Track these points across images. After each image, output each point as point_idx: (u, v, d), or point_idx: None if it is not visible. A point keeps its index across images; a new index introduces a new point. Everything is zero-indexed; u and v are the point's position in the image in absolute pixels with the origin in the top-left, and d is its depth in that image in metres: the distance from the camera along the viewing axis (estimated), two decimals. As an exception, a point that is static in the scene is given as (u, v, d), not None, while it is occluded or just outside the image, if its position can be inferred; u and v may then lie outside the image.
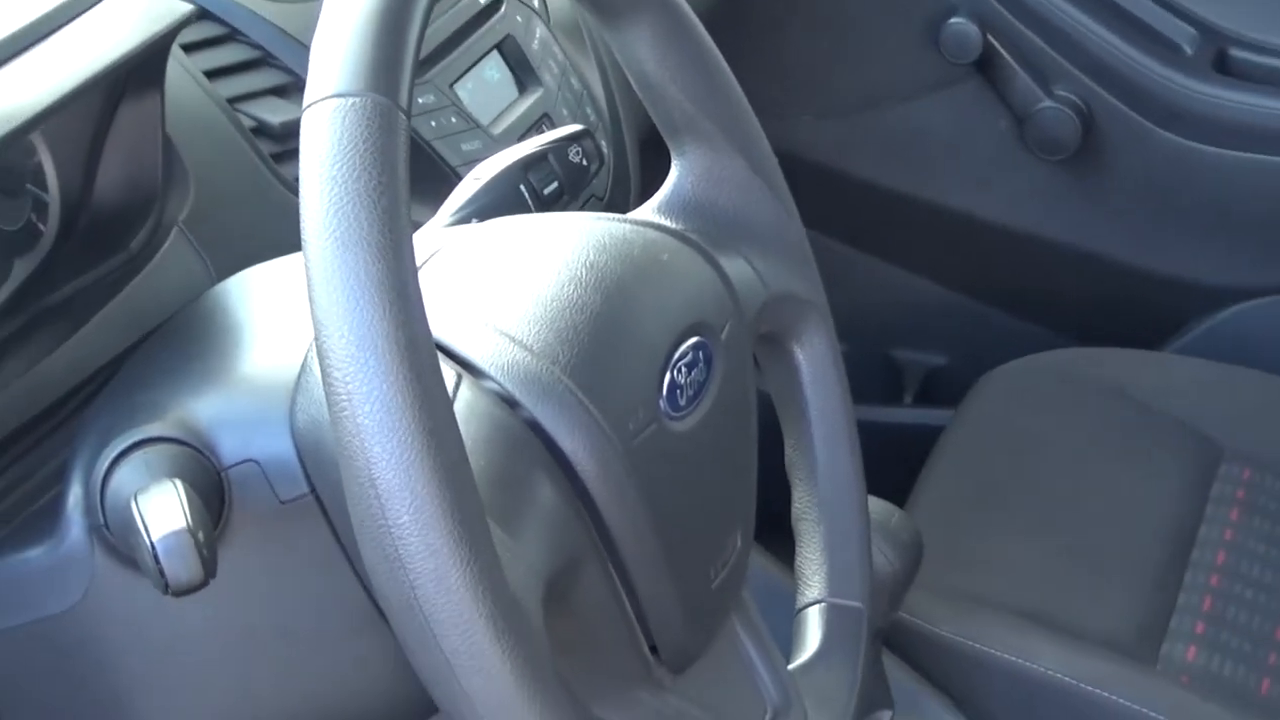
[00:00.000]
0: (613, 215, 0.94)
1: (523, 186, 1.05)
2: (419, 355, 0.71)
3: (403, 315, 0.70)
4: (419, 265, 0.73)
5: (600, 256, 0.88)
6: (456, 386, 0.81)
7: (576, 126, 1.12)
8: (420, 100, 1.25)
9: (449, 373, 0.81)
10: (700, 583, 0.90)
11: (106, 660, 0.89)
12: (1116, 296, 2.02)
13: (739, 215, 0.98)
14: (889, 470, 1.31)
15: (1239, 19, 1.93)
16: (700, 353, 0.89)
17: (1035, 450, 1.68)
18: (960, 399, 1.77)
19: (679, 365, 0.87)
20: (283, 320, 0.89)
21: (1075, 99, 1.93)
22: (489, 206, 1.02)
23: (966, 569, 1.50)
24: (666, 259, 0.92)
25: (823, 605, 1.01)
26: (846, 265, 2.10)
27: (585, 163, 1.10)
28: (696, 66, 0.96)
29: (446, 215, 1.02)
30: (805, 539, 1.02)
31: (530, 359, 0.83)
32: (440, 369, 0.72)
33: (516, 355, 0.83)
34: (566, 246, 0.89)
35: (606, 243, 0.89)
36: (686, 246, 0.93)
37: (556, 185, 1.07)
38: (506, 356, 0.83)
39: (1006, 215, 2.03)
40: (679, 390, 0.87)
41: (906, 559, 1.17)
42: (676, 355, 0.87)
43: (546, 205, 1.05)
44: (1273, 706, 1.42)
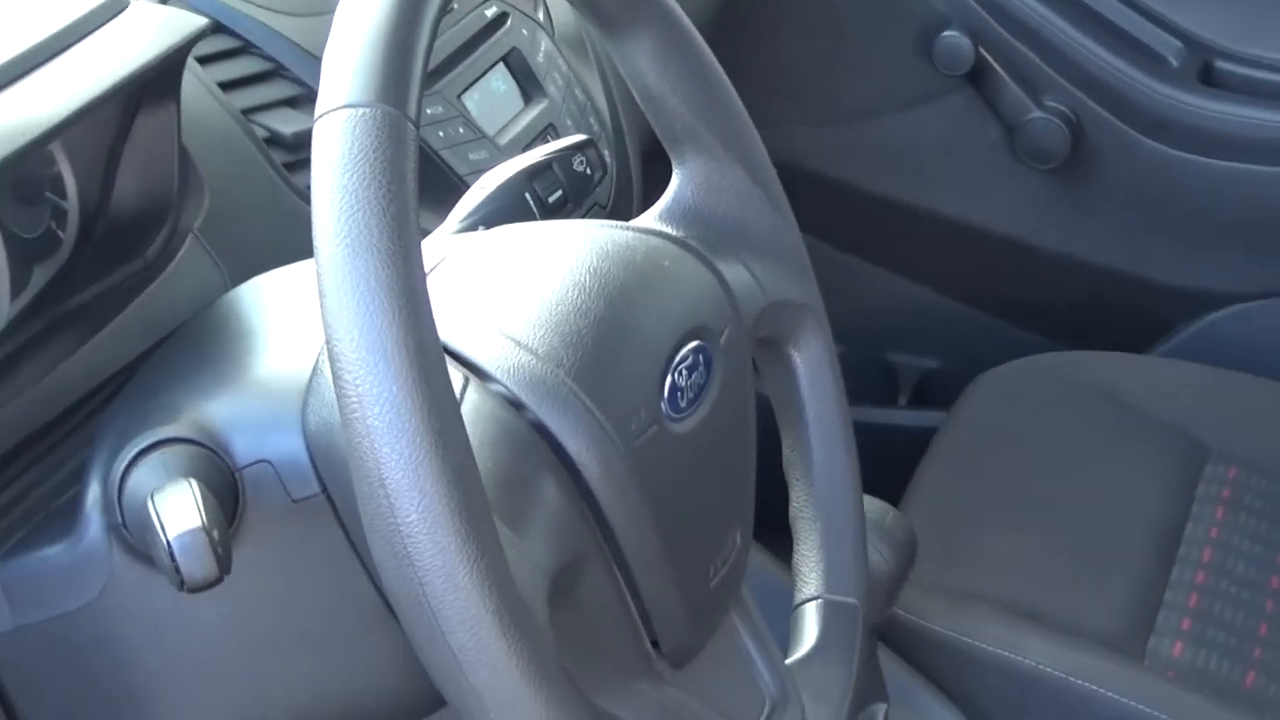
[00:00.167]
0: (615, 223, 0.94)
1: (528, 195, 1.05)
2: (427, 359, 0.71)
3: (412, 320, 0.70)
4: (427, 271, 0.73)
5: (603, 263, 0.88)
6: (464, 389, 0.81)
7: (580, 136, 1.12)
8: (429, 111, 1.25)
9: (456, 376, 0.81)
10: (700, 580, 0.90)
11: (123, 655, 0.89)
12: (1105, 301, 2.02)
13: (738, 223, 0.98)
14: (884, 470, 1.31)
15: (1223, 32, 1.93)
16: (700, 356, 0.89)
17: (1026, 451, 1.67)
18: (953, 401, 1.77)
19: (680, 368, 0.87)
20: (295, 325, 0.89)
21: (1064, 110, 1.93)
22: (495, 214, 1.02)
23: (959, 566, 1.50)
24: (668, 265, 0.92)
25: (819, 601, 1.01)
26: (843, 271, 2.10)
27: (589, 172, 1.10)
28: (697, 78, 0.96)
29: (454, 222, 1.02)
30: (802, 537, 1.02)
31: (535, 362, 0.83)
32: (448, 372, 0.72)
33: (522, 359, 0.83)
34: (571, 253, 0.89)
35: (609, 249, 0.89)
36: (687, 253, 0.93)
37: (561, 194, 1.07)
38: (512, 360, 0.83)
39: (998, 222, 2.03)
40: (680, 393, 0.87)
41: (901, 557, 1.17)
42: (677, 359, 0.87)
43: (551, 213, 1.05)
44: (1257, 700, 1.41)
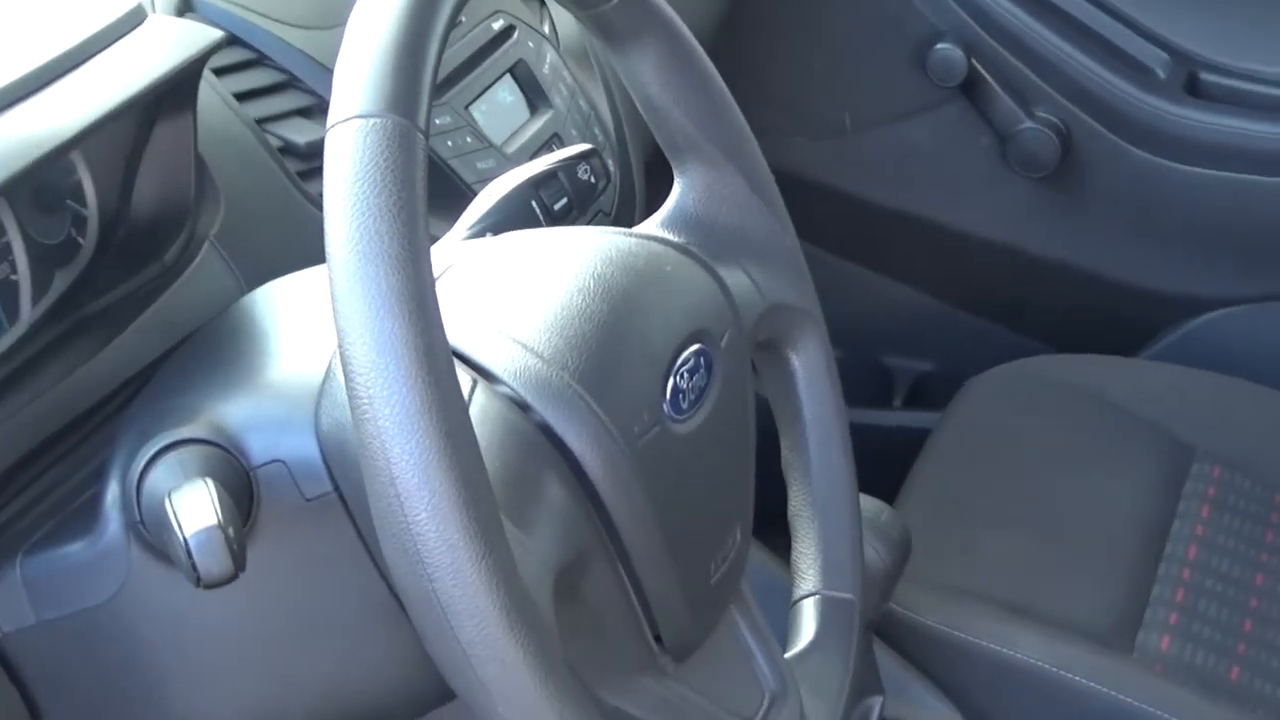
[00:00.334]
0: (619, 229, 0.94)
1: (534, 202, 1.05)
2: (437, 362, 0.71)
3: (421, 324, 0.70)
4: (436, 276, 0.73)
5: (607, 268, 0.88)
6: (472, 391, 0.81)
7: (585, 146, 1.12)
8: (437, 121, 1.25)
9: (465, 378, 0.81)
10: (702, 576, 0.90)
11: (141, 649, 0.89)
12: (1093, 306, 2.02)
13: (738, 230, 0.98)
14: (879, 470, 1.31)
15: (1208, 44, 1.93)
16: (701, 359, 0.89)
17: (1017, 451, 1.67)
18: (947, 403, 1.77)
19: (681, 371, 0.87)
20: (308, 328, 0.89)
21: (1054, 120, 1.93)
22: (502, 221, 1.02)
23: (952, 563, 1.49)
24: (669, 271, 0.92)
25: (817, 597, 1.01)
26: (840, 277, 2.09)
27: (593, 180, 1.10)
28: (698, 90, 0.96)
29: (462, 229, 1.02)
30: (800, 535, 1.02)
31: (541, 365, 0.83)
32: (457, 375, 0.72)
33: (528, 361, 0.83)
34: (575, 259, 0.89)
35: (613, 255, 0.89)
36: (688, 259, 0.93)
37: (566, 201, 1.07)
38: (519, 363, 0.83)
39: (990, 229, 2.03)
40: (681, 394, 0.87)
41: (896, 554, 1.17)
42: (679, 361, 0.87)
43: (556, 220, 1.05)
44: (1242, 693, 1.41)
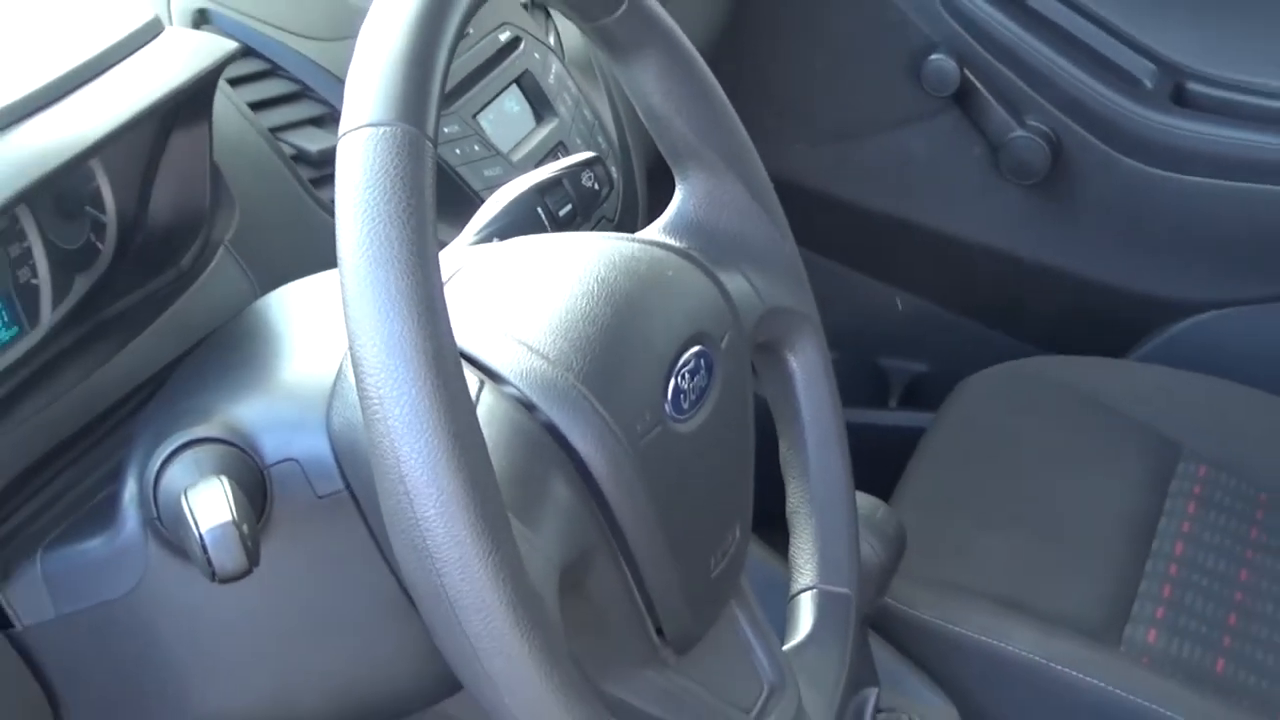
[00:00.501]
0: (622, 235, 0.94)
1: (539, 209, 1.05)
2: (445, 363, 0.71)
3: (430, 327, 0.70)
4: (445, 280, 0.73)
5: (610, 272, 0.88)
6: (479, 392, 0.81)
7: (589, 154, 1.12)
8: (446, 130, 1.25)
9: (472, 379, 0.81)
10: (702, 571, 0.90)
11: (158, 642, 0.89)
12: (1083, 309, 2.02)
13: (738, 235, 0.98)
14: (875, 468, 1.31)
15: (1195, 55, 1.93)
16: (702, 360, 0.89)
17: (1009, 450, 1.67)
18: (941, 403, 1.77)
19: (682, 372, 0.87)
20: (320, 331, 0.89)
21: (1045, 129, 1.93)
22: (509, 227, 1.02)
23: (946, 559, 1.49)
24: (671, 275, 0.92)
25: (814, 592, 1.01)
26: (837, 281, 2.10)
27: (597, 187, 1.09)
28: (699, 99, 0.96)
29: (470, 235, 1.02)
30: (798, 531, 1.02)
31: (547, 366, 0.82)
32: (464, 376, 0.72)
33: (534, 363, 0.83)
34: (580, 263, 0.89)
35: (616, 260, 0.89)
36: (689, 263, 0.93)
37: (570, 207, 1.07)
38: (525, 364, 0.83)
39: (983, 235, 2.03)
40: (683, 395, 0.87)
41: (891, 550, 1.17)
42: (680, 363, 0.87)
43: (561, 226, 1.05)
44: (1227, 685, 1.41)
